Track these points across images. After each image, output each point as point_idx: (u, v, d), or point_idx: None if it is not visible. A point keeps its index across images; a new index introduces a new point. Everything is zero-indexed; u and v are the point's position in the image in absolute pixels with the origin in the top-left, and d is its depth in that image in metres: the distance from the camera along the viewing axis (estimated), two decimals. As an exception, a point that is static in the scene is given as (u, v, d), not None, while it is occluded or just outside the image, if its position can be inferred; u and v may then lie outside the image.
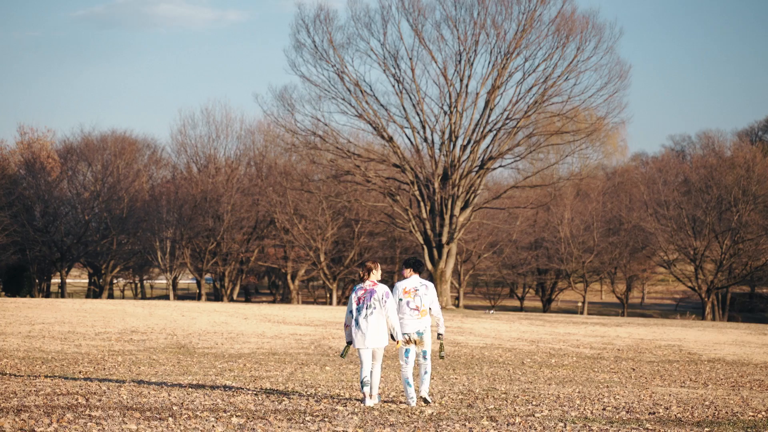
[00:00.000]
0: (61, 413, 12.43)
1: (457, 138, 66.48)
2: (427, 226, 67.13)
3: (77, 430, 11.17)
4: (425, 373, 15.10)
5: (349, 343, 15.30)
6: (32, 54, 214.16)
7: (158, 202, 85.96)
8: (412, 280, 15.07)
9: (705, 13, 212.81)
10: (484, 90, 66.06)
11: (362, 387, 14.93)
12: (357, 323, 15.04)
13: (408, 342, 15.05)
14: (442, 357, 15.66)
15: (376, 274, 15.34)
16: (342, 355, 15.42)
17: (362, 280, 15.25)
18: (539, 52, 65.50)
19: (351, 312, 15.22)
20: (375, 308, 14.99)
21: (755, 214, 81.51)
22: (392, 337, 15.04)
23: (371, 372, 14.98)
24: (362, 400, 15.02)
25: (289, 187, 78.40)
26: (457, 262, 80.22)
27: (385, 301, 15.01)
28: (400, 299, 15.08)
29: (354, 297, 15.22)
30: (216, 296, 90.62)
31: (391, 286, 15.37)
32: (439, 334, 15.40)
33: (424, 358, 15.14)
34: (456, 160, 66.49)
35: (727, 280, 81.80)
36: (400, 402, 15.54)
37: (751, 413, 15.18)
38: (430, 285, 15.31)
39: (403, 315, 15.12)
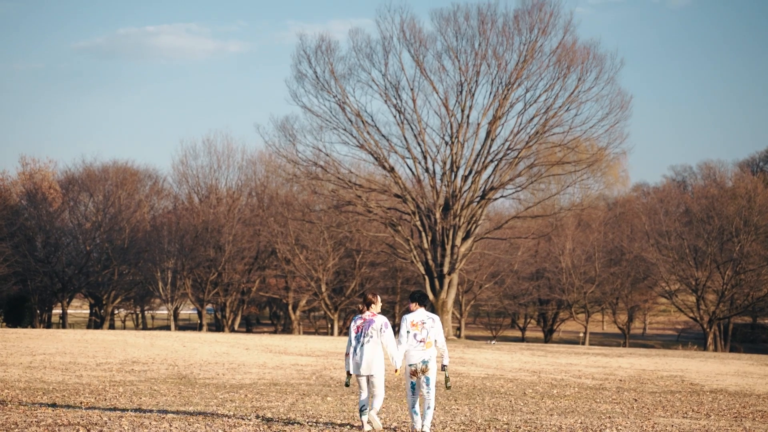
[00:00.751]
0: (62, 444, 12.39)
1: (458, 168, 66.53)
2: (429, 257, 67.08)
3: (78, 461, 11.14)
4: (428, 408, 15.36)
5: (350, 373, 15.64)
6: (34, 85, 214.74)
7: (159, 232, 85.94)
8: (419, 313, 15.60)
9: (706, 44, 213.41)
10: (486, 120, 66.20)
11: (360, 414, 15.30)
12: (354, 351, 15.48)
13: (414, 374, 15.39)
14: (448, 387, 15.98)
15: (376, 307, 15.79)
16: (346, 384, 15.78)
17: (361, 311, 15.71)
18: (540, 82, 65.72)
19: (350, 341, 15.65)
20: (372, 337, 15.42)
21: (757, 245, 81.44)
22: (395, 369, 15.42)
23: (372, 399, 15.39)
24: (361, 428, 15.23)
25: (290, 217, 78.39)
26: (458, 293, 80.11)
27: (384, 331, 15.41)
28: (408, 331, 15.50)
29: (353, 326, 15.68)
30: (217, 326, 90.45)
31: (392, 317, 15.89)
32: (443, 365, 15.79)
33: (427, 384, 15.40)
34: (457, 191, 66.51)
35: (728, 310, 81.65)
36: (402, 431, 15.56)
37: (754, 444, 15.14)
38: (437, 318, 15.77)
39: (410, 347, 15.46)
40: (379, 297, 15.95)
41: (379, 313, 15.76)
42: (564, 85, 65.09)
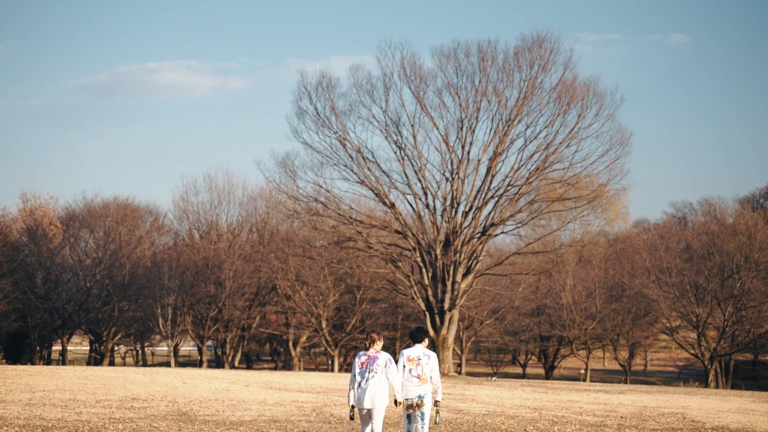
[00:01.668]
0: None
1: (458, 204, 66.53)
2: (429, 293, 66.99)
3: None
4: None
5: (353, 406, 16.39)
6: (35, 122, 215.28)
7: (160, 268, 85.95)
8: (416, 349, 16.44)
9: (705, 82, 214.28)
10: (486, 156, 66.25)
11: None
12: (359, 385, 16.20)
13: (410, 407, 16.31)
14: (436, 423, 16.91)
15: (379, 345, 16.57)
16: (351, 418, 16.55)
17: (366, 348, 16.49)
18: (540, 119, 65.77)
19: (354, 376, 16.39)
20: (377, 373, 16.15)
21: (758, 281, 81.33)
22: (395, 402, 16.29)
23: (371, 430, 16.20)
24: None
25: (291, 253, 78.36)
26: (459, 329, 79.97)
27: (389, 367, 16.18)
28: (404, 366, 16.49)
29: (357, 362, 16.41)
30: (217, 363, 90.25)
31: (393, 353, 16.41)
32: (435, 401, 16.44)
33: (422, 419, 16.28)
34: (458, 227, 66.50)
35: (730, 347, 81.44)
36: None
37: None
38: (433, 355, 16.51)
39: (406, 381, 16.34)
40: (382, 336, 16.67)
41: (381, 350, 16.44)
42: (564, 121, 65.18)
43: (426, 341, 16.99)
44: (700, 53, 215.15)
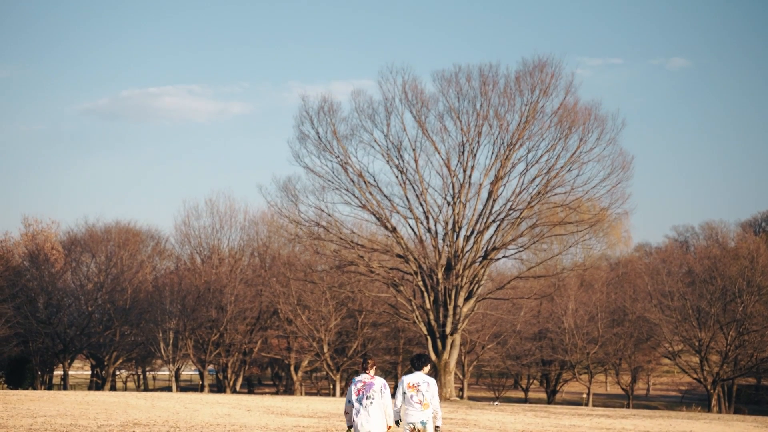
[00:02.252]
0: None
1: (460, 228, 66.50)
2: (431, 317, 66.90)
3: None
4: None
5: (350, 427, 16.94)
6: (37, 146, 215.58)
7: (161, 293, 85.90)
8: (416, 376, 17.08)
9: (706, 105, 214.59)
10: (488, 181, 66.26)
11: None
12: (358, 412, 16.78)
13: (412, 431, 16.86)
14: None
15: (372, 370, 17.19)
16: None
17: (364, 370, 17.07)
18: (542, 143, 65.79)
19: (350, 402, 17.00)
20: (374, 399, 16.78)
21: (760, 306, 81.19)
22: (388, 427, 16.92)
23: None
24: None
25: (292, 277, 78.30)
26: (461, 353, 79.83)
27: (384, 393, 16.83)
28: (404, 392, 17.04)
29: (354, 388, 17.01)
30: (219, 387, 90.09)
31: (394, 378, 16.77)
32: (436, 427, 17.21)
33: None
34: (459, 251, 66.45)
35: (732, 371, 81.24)
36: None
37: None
38: (432, 381, 17.04)
39: (408, 406, 16.89)
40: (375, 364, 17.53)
41: (375, 375, 17.05)
42: (566, 145, 65.19)
43: (427, 367, 17.40)
44: (701, 77, 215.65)
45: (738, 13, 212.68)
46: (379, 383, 16.81)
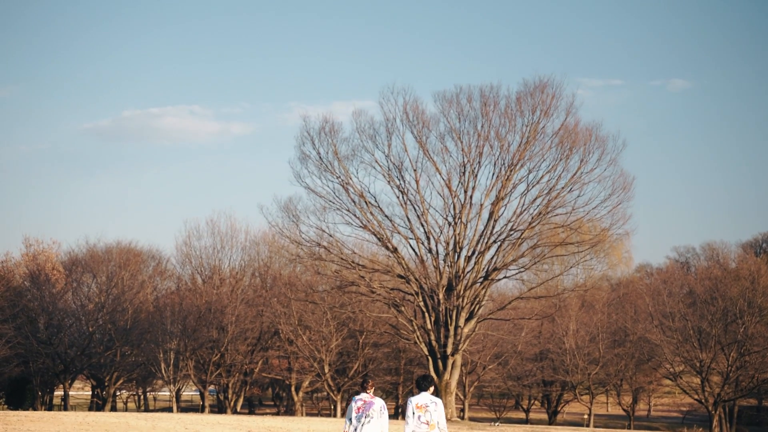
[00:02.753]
0: None
1: (461, 249, 66.48)
2: (432, 337, 66.83)
3: None
4: None
5: None
6: (39, 167, 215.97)
7: (162, 313, 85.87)
8: (423, 397, 17.35)
9: (707, 126, 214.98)
10: (489, 201, 66.24)
11: None
12: (355, 429, 17.32)
13: None
14: None
15: (372, 390, 17.79)
16: None
17: (364, 389, 17.66)
18: (543, 163, 65.76)
19: (350, 419, 17.57)
20: (372, 417, 17.27)
21: (761, 327, 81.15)
22: None
23: None
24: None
25: (293, 297, 78.25)
26: (462, 374, 79.72)
27: (383, 413, 17.35)
28: (413, 413, 17.34)
29: (354, 406, 17.62)
30: (219, 408, 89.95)
31: (395, 398, 16.93)
32: None
33: None
34: (460, 271, 66.42)
35: (734, 392, 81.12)
36: None
37: None
38: (439, 402, 17.30)
39: (416, 427, 17.23)
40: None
41: (374, 395, 17.44)
42: (566, 166, 65.16)
43: (432, 388, 17.60)
44: (701, 98, 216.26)
45: (738, 35, 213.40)
46: (379, 403, 17.37)
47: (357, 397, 17.63)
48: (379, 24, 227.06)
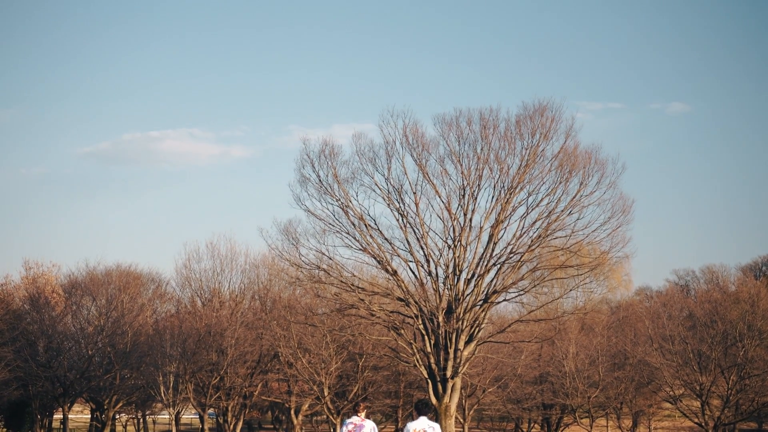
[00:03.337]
0: None
1: (461, 272, 66.43)
2: (432, 360, 66.76)
3: None
4: None
5: None
6: (39, 190, 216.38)
7: (162, 336, 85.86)
8: (421, 422, 17.33)
9: (706, 149, 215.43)
10: (488, 224, 66.22)
11: None
12: None
13: None
14: None
15: (363, 413, 18.46)
16: None
17: (355, 412, 17.21)
18: (542, 186, 65.71)
19: None
20: None
21: (761, 350, 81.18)
22: None
23: None
24: None
25: (293, 320, 78.24)
26: (461, 397, 79.65)
27: None
28: None
29: (345, 430, 18.30)
30: (219, 431, 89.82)
31: (395, 421, 17.01)
32: None
33: None
34: (460, 294, 66.38)
35: (734, 416, 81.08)
36: None
37: None
38: (437, 426, 17.28)
39: None
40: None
41: (365, 418, 17.66)
42: (566, 189, 65.11)
43: (430, 413, 17.62)
44: (700, 121, 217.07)
45: (736, 58, 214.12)
46: (369, 426, 17.44)
47: (348, 420, 17.69)
48: (379, 47, 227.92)
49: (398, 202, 66.16)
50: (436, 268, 67.00)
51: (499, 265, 66.78)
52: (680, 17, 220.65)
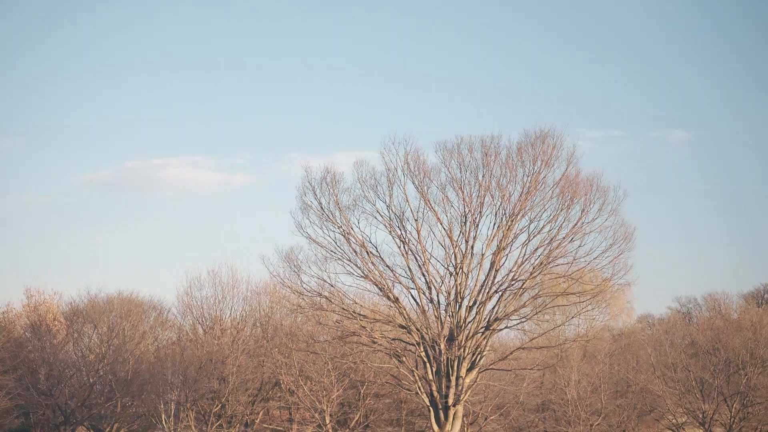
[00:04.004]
0: None
1: (462, 299, 66.35)
2: (434, 388, 66.60)
3: None
4: None
5: None
6: (40, 217, 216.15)
7: (163, 363, 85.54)
8: None
9: (707, 177, 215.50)
10: (490, 251, 66.21)
11: None
12: None
13: None
14: None
15: None
16: None
17: None
18: (544, 213, 65.78)
19: None
20: None
21: (764, 378, 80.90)
22: None
23: None
24: None
25: (294, 348, 78.03)
26: (463, 425, 79.32)
27: None
28: None
29: None
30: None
31: None
32: None
33: None
34: (462, 321, 66.29)
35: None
36: None
37: None
38: None
39: None
40: None
41: None
42: (567, 216, 65.19)
43: None
44: (701, 149, 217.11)
45: (736, 88, 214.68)
46: None
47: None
48: (380, 75, 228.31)
49: (400, 229, 66.22)
50: (437, 295, 66.95)
51: (500, 293, 66.71)
52: (681, 46, 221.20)
